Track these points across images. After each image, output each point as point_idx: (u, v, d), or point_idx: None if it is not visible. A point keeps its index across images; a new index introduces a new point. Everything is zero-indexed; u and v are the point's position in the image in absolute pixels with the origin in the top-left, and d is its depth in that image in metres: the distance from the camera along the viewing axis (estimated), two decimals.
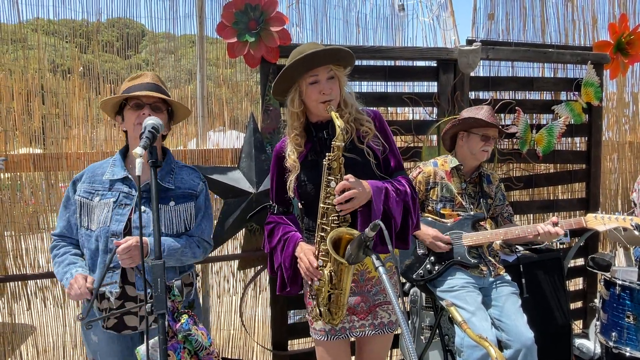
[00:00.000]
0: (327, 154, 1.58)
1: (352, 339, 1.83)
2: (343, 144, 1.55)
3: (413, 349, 1.00)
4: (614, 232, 2.36)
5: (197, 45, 2.50)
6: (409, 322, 2.70)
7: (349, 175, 1.55)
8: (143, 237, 1.50)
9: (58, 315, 2.60)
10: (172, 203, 1.73)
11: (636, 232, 2.09)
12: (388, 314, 1.77)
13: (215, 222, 2.25)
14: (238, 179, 2.42)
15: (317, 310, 1.64)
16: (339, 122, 1.53)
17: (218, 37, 2.46)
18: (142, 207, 1.64)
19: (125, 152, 1.80)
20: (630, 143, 3.89)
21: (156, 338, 1.13)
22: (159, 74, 1.86)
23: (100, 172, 1.75)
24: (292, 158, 1.70)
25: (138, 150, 1.24)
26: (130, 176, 1.71)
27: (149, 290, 1.31)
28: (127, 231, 1.67)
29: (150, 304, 1.10)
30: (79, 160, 2.40)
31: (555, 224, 2.17)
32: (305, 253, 1.63)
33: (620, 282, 2.58)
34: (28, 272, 2.47)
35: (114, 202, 1.69)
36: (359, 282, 1.76)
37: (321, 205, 1.59)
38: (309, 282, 1.65)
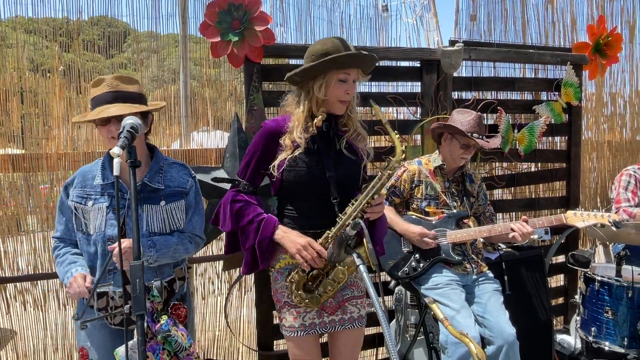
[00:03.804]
0: (387, 171, 1.62)
1: (324, 339, 1.87)
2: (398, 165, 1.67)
3: (393, 346, 1.02)
4: (594, 229, 2.41)
5: (180, 44, 2.48)
6: (395, 320, 2.73)
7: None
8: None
9: (38, 319, 2.55)
10: (162, 202, 1.75)
11: (614, 229, 2.14)
12: (357, 308, 1.79)
13: None
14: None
15: (303, 295, 1.67)
16: (401, 148, 1.62)
17: (202, 36, 2.45)
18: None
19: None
20: (609, 142, 3.98)
21: (135, 339, 1.13)
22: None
23: (91, 176, 1.76)
24: (299, 137, 1.67)
25: (116, 150, 1.23)
26: (120, 180, 1.70)
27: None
28: (123, 234, 1.69)
29: (128, 305, 1.09)
30: (59, 161, 2.37)
31: (526, 221, 2.21)
32: (309, 242, 1.62)
33: (599, 278, 2.64)
34: (7, 274, 2.43)
35: (107, 207, 1.71)
36: None
37: (358, 210, 1.62)
38: (307, 269, 1.65)
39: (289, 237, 1.65)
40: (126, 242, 1.57)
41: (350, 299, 1.78)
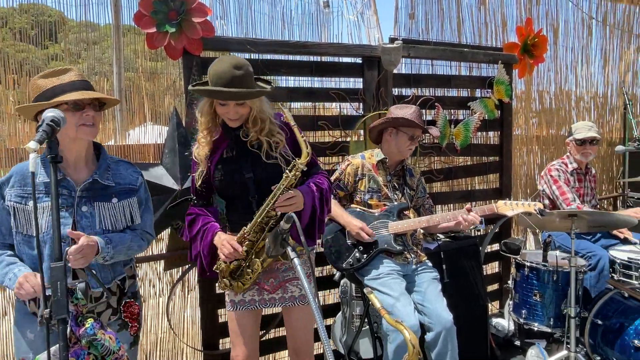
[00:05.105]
0: (288, 171, 1.74)
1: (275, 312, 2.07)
2: (304, 168, 1.77)
3: (322, 324, 1.05)
4: (523, 218, 2.57)
5: (113, 34, 2.36)
6: (341, 312, 2.77)
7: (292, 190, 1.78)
8: (92, 237, 1.55)
9: None
10: (114, 200, 1.72)
11: (539, 217, 2.30)
12: (298, 288, 1.95)
13: None
14: (161, 176, 2.33)
15: (227, 282, 1.89)
16: (307, 150, 1.75)
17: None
18: (85, 207, 1.66)
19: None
20: (537, 137, 4.26)
21: (57, 345, 1.06)
22: (81, 66, 1.80)
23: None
24: (201, 153, 1.87)
25: (31, 145, 1.15)
26: (68, 178, 1.65)
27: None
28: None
29: (48, 309, 1.03)
30: None
31: (469, 210, 2.33)
32: (228, 240, 1.80)
33: (528, 264, 2.83)
34: None
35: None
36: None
37: (269, 209, 1.77)
38: (225, 262, 1.83)
39: (219, 239, 1.83)
40: (82, 240, 1.50)
41: (291, 280, 1.94)
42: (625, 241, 3.11)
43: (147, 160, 2.49)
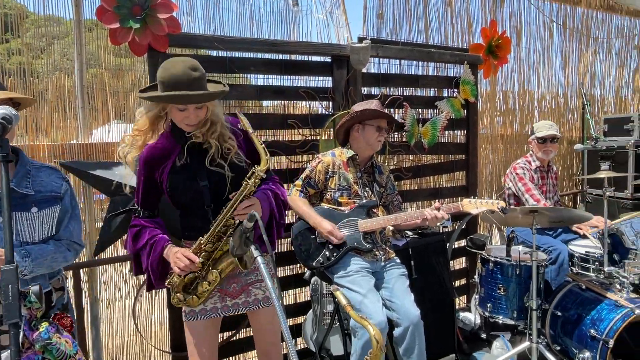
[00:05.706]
0: (247, 179, 1.68)
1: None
2: (263, 175, 1.70)
3: (286, 325, 1.05)
4: (487, 215, 2.65)
5: (74, 29, 2.28)
6: (312, 310, 2.78)
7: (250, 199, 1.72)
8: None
9: None
10: (34, 209, 1.60)
11: (502, 214, 2.37)
12: (262, 290, 1.90)
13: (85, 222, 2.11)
14: (125, 175, 2.27)
15: (181, 296, 1.80)
16: (266, 157, 1.70)
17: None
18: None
19: None
20: (502, 136, 4.39)
21: (9, 351, 1.02)
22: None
23: None
24: (133, 155, 1.78)
25: None
26: None
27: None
28: None
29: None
30: None
31: (438, 209, 2.38)
32: (182, 252, 1.71)
33: (492, 259, 2.91)
34: None
35: None
36: None
37: (227, 217, 1.70)
38: (180, 275, 1.75)
39: (170, 253, 1.74)
40: None
41: (254, 283, 1.90)
42: (584, 236, 3.25)
43: (112, 160, 2.43)
